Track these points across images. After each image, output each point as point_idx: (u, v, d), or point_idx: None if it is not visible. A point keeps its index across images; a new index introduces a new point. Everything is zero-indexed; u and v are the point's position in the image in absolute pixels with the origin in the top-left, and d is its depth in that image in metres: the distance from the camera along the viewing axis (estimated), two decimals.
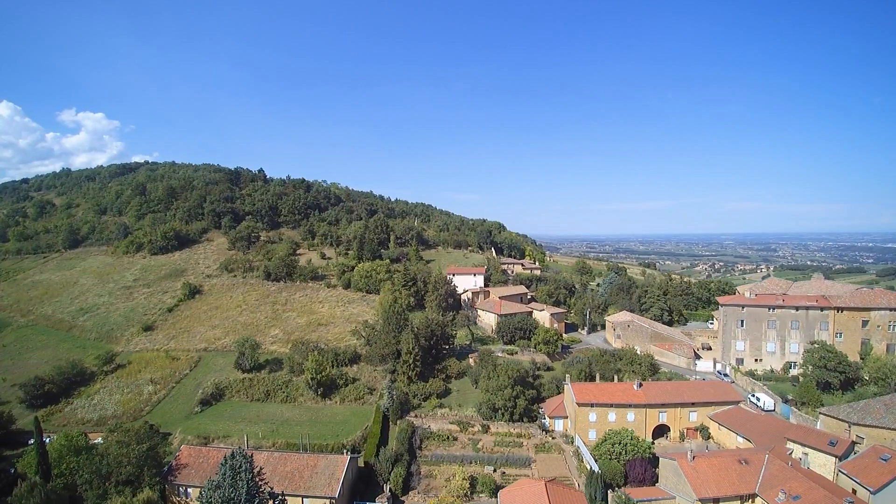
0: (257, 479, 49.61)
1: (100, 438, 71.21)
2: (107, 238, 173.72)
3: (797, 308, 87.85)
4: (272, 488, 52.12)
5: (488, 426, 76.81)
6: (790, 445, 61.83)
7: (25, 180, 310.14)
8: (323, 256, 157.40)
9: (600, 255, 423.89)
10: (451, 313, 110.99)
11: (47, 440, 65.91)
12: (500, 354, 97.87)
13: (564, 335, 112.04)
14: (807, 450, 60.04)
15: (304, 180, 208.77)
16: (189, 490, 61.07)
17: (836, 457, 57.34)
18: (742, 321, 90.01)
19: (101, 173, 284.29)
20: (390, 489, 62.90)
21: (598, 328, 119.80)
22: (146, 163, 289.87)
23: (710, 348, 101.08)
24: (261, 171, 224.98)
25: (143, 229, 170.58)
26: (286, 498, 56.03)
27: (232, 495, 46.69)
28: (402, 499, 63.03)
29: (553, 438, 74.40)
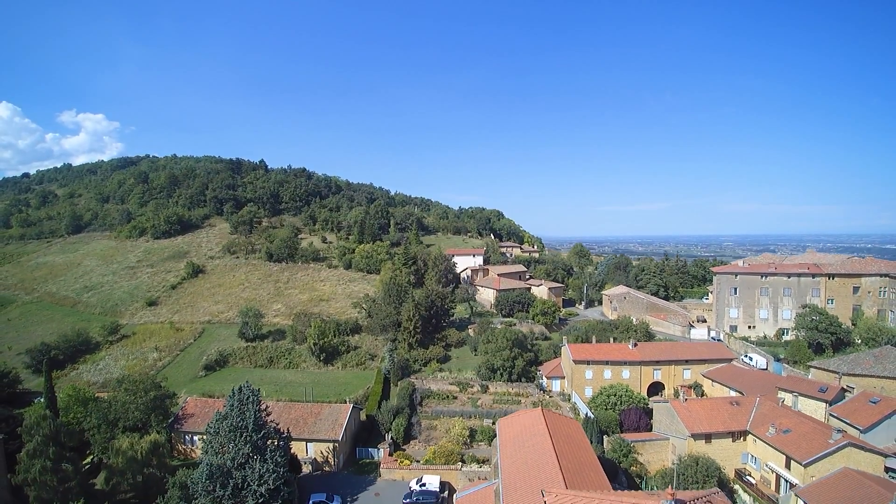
0: (264, 413, 51.06)
1: (105, 396, 72.56)
2: (109, 224, 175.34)
3: (789, 275, 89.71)
4: (277, 424, 53.57)
5: (487, 386, 78.42)
6: (781, 395, 63.42)
7: (26, 175, 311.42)
8: (324, 240, 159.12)
9: (599, 254, 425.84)
10: (450, 286, 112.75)
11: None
12: (498, 326, 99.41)
13: (562, 309, 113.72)
14: (797, 397, 61.70)
15: (304, 169, 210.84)
16: (195, 438, 62.59)
17: (826, 402, 58.96)
18: (735, 289, 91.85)
19: (103, 167, 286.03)
20: (392, 437, 64.44)
21: (596, 304, 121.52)
22: (147, 156, 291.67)
23: (704, 321, 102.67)
24: (262, 161, 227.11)
25: (146, 215, 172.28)
26: (291, 440, 57.61)
27: (239, 424, 48.12)
28: (403, 447, 64.53)
29: (550, 397, 75.99)
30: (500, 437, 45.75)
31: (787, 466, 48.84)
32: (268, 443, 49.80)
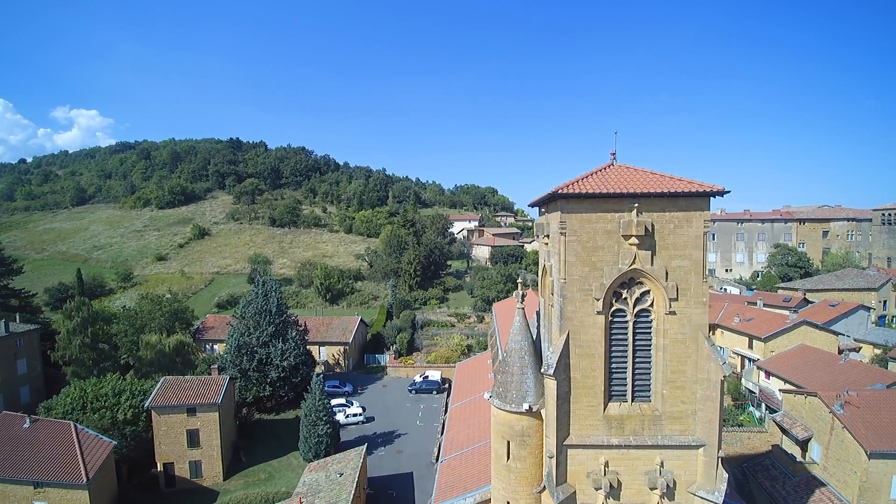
0: (284, 305, 56.55)
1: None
2: (114, 196, 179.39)
3: (763, 221, 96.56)
4: (296, 317, 59.01)
5: (483, 317, 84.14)
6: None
7: (23, 160, 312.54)
8: (324, 210, 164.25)
9: None
10: (447, 238, 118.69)
11: None
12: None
13: None
14: (763, 307, 68.05)
15: (304, 148, 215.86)
16: (215, 347, 67.89)
17: (789, 309, 65.37)
18: (713, 235, 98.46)
19: (101, 151, 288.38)
20: (396, 349, 70.19)
21: None
22: (146, 141, 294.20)
23: None
24: (261, 141, 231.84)
25: (150, 187, 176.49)
26: (307, 334, 63.00)
27: (264, 308, 53.74)
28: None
29: None
30: (496, 314, 51.54)
31: (750, 347, 55.11)
32: (288, 328, 55.44)
